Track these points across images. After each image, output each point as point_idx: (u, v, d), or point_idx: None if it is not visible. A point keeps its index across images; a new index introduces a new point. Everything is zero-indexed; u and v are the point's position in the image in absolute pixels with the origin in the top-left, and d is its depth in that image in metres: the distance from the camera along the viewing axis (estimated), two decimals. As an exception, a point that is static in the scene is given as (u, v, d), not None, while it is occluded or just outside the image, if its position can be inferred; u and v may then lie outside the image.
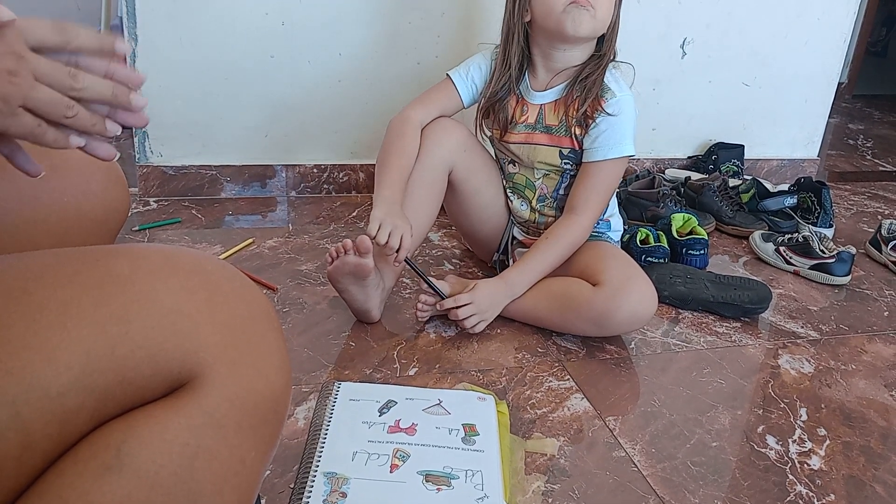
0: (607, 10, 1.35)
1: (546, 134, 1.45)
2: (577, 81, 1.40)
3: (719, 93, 2.35)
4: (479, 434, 1.08)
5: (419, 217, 1.42)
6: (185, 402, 0.51)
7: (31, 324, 0.47)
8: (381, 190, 1.34)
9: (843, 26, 2.39)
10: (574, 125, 1.41)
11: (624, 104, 1.39)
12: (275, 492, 0.97)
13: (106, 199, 0.88)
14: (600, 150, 1.40)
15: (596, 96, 1.38)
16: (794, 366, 1.39)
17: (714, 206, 2.04)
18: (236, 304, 0.56)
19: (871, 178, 2.73)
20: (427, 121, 1.45)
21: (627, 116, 1.40)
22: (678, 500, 1.02)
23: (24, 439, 0.46)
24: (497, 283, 1.40)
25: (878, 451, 1.16)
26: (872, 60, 4.42)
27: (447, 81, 1.49)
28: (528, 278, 1.40)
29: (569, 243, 1.41)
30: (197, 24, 1.84)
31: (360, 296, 1.35)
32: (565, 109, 1.42)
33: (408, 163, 1.40)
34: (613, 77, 1.41)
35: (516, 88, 1.46)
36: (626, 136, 1.40)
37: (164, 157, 1.95)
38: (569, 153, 1.44)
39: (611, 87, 1.40)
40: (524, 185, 1.53)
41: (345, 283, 1.33)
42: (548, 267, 1.41)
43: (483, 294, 1.37)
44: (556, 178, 1.48)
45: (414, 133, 1.42)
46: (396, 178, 1.36)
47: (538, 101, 1.45)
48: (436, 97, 1.48)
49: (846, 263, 1.72)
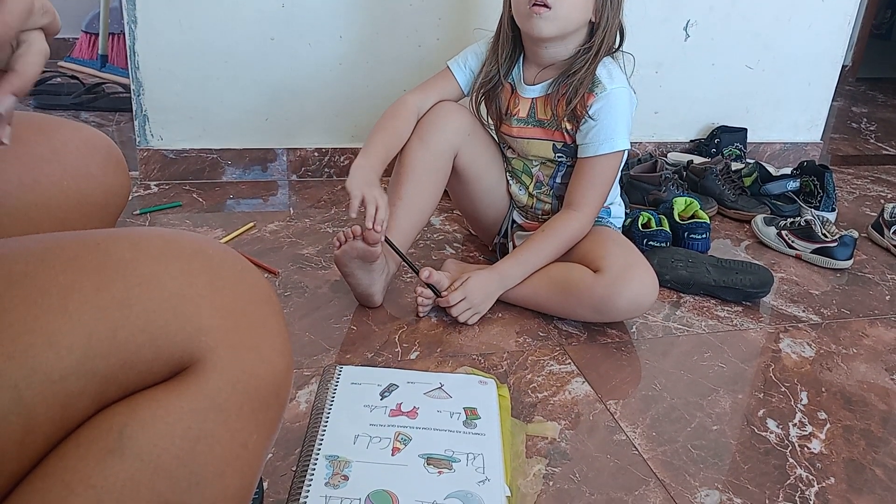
0: (570, 6, 1.31)
1: (539, 128, 1.44)
2: (565, 77, 1.38)
3: (722, 76, 2.33)
4: (480, 417, 1.08)
5: (422, 202, 1.42)
6: (187, 385, 0.51)
7: (32, 308, 0.47)
8: (359, 158, 1.33)
9: (847, 9, 2.37)
10: (564, 120, 1.40)
11: (614, 98, 1.36)
12: (277, 475, 0.98)
13: (106, 182, 0.87)
14: (591, 145, 1.38)
15: (584, 91, 1.36)
16: (796, 350, 1.39)
17: (716, 189, 2.03)
18: (238, 288, 0.56)
19: (874, 161, 2.72)
20: (426, 107, 1.45)
21: (619, 110, 1.37)
22: (679, 484, 1.02)
23: (26, 423, 0.46)
24: (489, 274, 1.39)
25: (878, 435, 1.17)
26: (877, 43, 4.39)
27: (446, 71, 1.49)
28: (522, 270, 1.40)
29: (566, 239, 1.40)
30: (197, 7, 1.83)
31: (365, 280, 1.35)
32: (556, 104, 1.40)
33: (396, 142, 1.40)
34: (607, 69, 1.38)
35: (506, 79, 1.45)
36: (618, 131, 1.37)
37: (165, 141, 1.94)
38: (562, 147, 1.43)
39: (602, 80, 1.36)
40: (521, 171, 1.53)
41: (351, 267, 1.33)
42: (543, 260, 1.40)
43: (474, 286, 1.36)
44: (551, 167, 1.48)
45: (408, 116, 1.42)
46: (380, 150, 1.35)
47: (529, 95, 1.44)
48: (434, 84, 1.48)
49: (848, 247, 1.72)
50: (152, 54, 1.84)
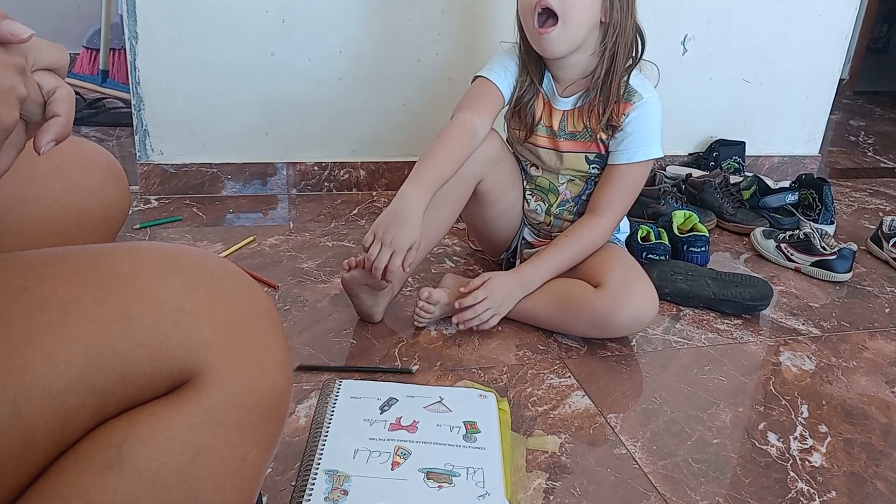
0: (579, 23, 1.29)
1: (571, 140, 1.43)
2: (598, 88, 1.36)
3: (720, 89, 2.34)
4: (480, 431, 1.08)
5: (438, 226, 1.39)
6: (186, 400, 0.51)
7: (31, 322, 0.47)
8: (408, 185, 1.24)
9: (844, 23, 2.38)
10: (600, 130, 1.39)
11: (650, 106, 1.37)
12: (276, 489, 0.97)
13: (106, 197, 0.88)
14: (626, 152, 1.38)
15: (619, 100, 1.36)
16: (796, 363, 1.39)
17: (715, 202, 2.04)
18: (237, 302, 0.56)
19: (872, 174, 2.73)
20: (485, 131, 1.37)
21: (655, 118, 1.38)
22: (679, 498, 1.02)
23: (25, 437, 0.46)
24: (512, 276, 1.38)
25: (879, 448, 1.16)
26: (874, 57, 4.41)
27: (486, 82, 1.41)
28: (543, 274, 1.39)
29: (588, 244, 1.39)
30: (197, 22, 1.84)
31: (369, 302, 1.36)
32: (588, 116, 1.39)
33: (450, 168, 1.29)
34: (639, 79, 1.39)
35: (540, 90, 1.43)
36: (653, 138, 1.38)
37: (165, 155, 1.95)
38: (595, 157, 1.42)
39: (637, 89, 1.37)
40: (547, 189, 1.50)
41: (358, 290, 1.33)
42: (564, 265, 1.39)
43: (498, 286, 1.35)
44: (581, 184, 1.46)
45: (466, 140, 1.32)
46: (430, 180, 1.25)
47: (562, 108, 1.42)
48: (485, 101, 1.39)
49: (847, 260, 1.72)
50: (153, 69, 1.84)
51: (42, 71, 0.54)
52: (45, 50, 0.54)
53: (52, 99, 0.54)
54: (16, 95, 0.49)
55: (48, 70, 0.54)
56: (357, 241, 1.76)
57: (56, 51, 0.55)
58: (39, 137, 0.53)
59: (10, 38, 0.50)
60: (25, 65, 0.52)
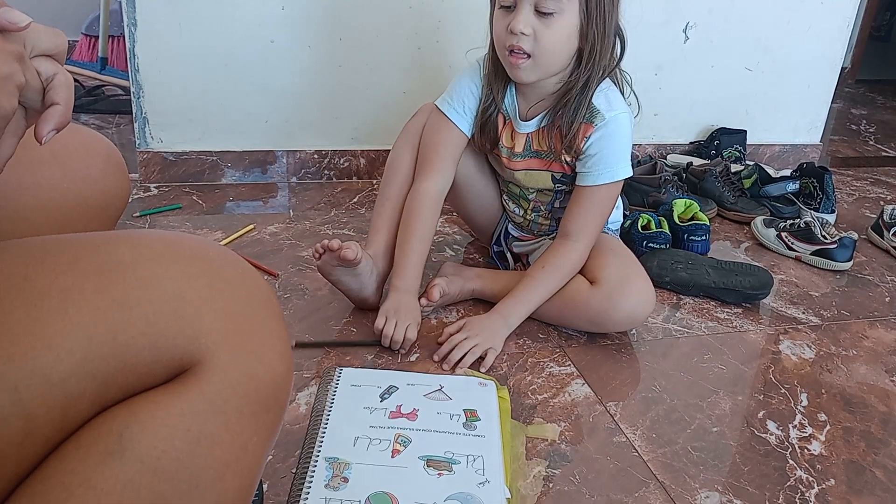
0: (553, 61, 1.26)
1: (536, 159, 1.39)
2: (558, 111, 1.32)
3: (722, 78, 2.34)
4: (480, 419, 1.08)
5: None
6: (186, 388, 0.51)
7: (32, 310, 0.47)
8: (395, 279, 1.33)
9: (847, 11, 2.37)
10: (563, 152, 1.35)
11: (613, 126, 1.30)
12: (277, 477, 0.98)
13: (106, 185, 0.88)
14: (591, 174, 1.33)
15: (581, 122, 1.30)
16: (795, 351, 1.39)
17: (716, 191, 2.03)
18: (238, 291, 0.56)
19: (873, 163, 2.73)
20: (447, 187, 1.42)
21: (619, 137, 1.31)
22: (678, 485, 1.02)
23: (26, 425, 0.46)
24: (490, 315, 1.33)
25: (878, 437, 1.16)
26: (876, 45, 4.39)
27: (445, 124, 1.40)
28: (525, 309, 1.34)
29: (565, 272, 1.35)
30: (196, 10, 1.83)
31: (354, 285, 1.35)
32: (551, 136, 1.35)
33: (425, 246, 1.37)
34: (604, 95, 1.31)
35: (501, 110, 1.39)
36: (620, 159, 1.33)
37: (165, 143, 1.94)
38: (561, 177, 1.40)
39: (600, 109, 1.30)
40: (518, 196, 1.49)
41: (336, 274, 1.32)
42: (544, 296, 1.35)
43: (476, 324, 1.30)
44: (550, 194, 1.44)
45: (432, 208, 1.39)
46: (414, 263, 1.34)
47: (525, 130, 1.38)
48: (443, 154, 1.40)
49: (848, 249, 1.72)
50: (152, 57, 1.84)
51: (40, 57, 0.54)
52: (43, 35, 0.54)
53: (52, 86, 0.53)
54: (14, 83, 0.49)
55: (47, 56, 0.54)
56: (357, 229, 1.76)
57: (54, 36, 0.54)
58: (40, 127, 0.53)
59: (9, 26, 0.50)
60: (24, 52, 0.51)
